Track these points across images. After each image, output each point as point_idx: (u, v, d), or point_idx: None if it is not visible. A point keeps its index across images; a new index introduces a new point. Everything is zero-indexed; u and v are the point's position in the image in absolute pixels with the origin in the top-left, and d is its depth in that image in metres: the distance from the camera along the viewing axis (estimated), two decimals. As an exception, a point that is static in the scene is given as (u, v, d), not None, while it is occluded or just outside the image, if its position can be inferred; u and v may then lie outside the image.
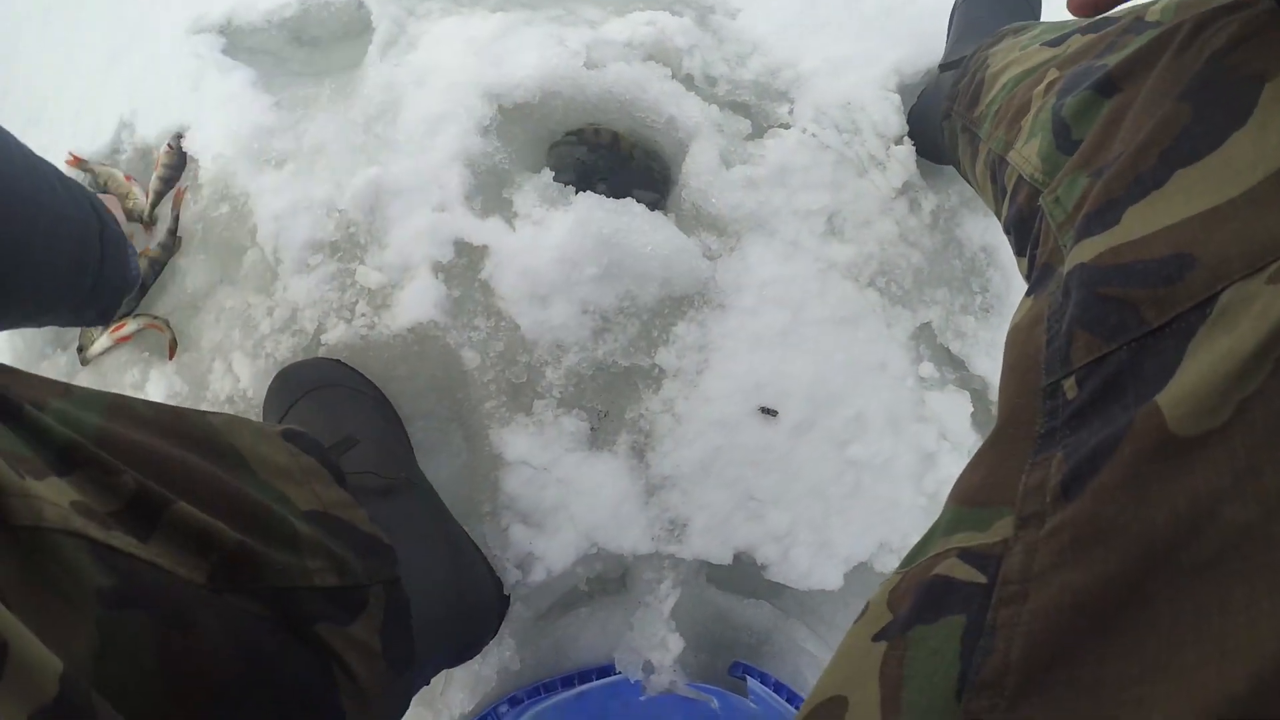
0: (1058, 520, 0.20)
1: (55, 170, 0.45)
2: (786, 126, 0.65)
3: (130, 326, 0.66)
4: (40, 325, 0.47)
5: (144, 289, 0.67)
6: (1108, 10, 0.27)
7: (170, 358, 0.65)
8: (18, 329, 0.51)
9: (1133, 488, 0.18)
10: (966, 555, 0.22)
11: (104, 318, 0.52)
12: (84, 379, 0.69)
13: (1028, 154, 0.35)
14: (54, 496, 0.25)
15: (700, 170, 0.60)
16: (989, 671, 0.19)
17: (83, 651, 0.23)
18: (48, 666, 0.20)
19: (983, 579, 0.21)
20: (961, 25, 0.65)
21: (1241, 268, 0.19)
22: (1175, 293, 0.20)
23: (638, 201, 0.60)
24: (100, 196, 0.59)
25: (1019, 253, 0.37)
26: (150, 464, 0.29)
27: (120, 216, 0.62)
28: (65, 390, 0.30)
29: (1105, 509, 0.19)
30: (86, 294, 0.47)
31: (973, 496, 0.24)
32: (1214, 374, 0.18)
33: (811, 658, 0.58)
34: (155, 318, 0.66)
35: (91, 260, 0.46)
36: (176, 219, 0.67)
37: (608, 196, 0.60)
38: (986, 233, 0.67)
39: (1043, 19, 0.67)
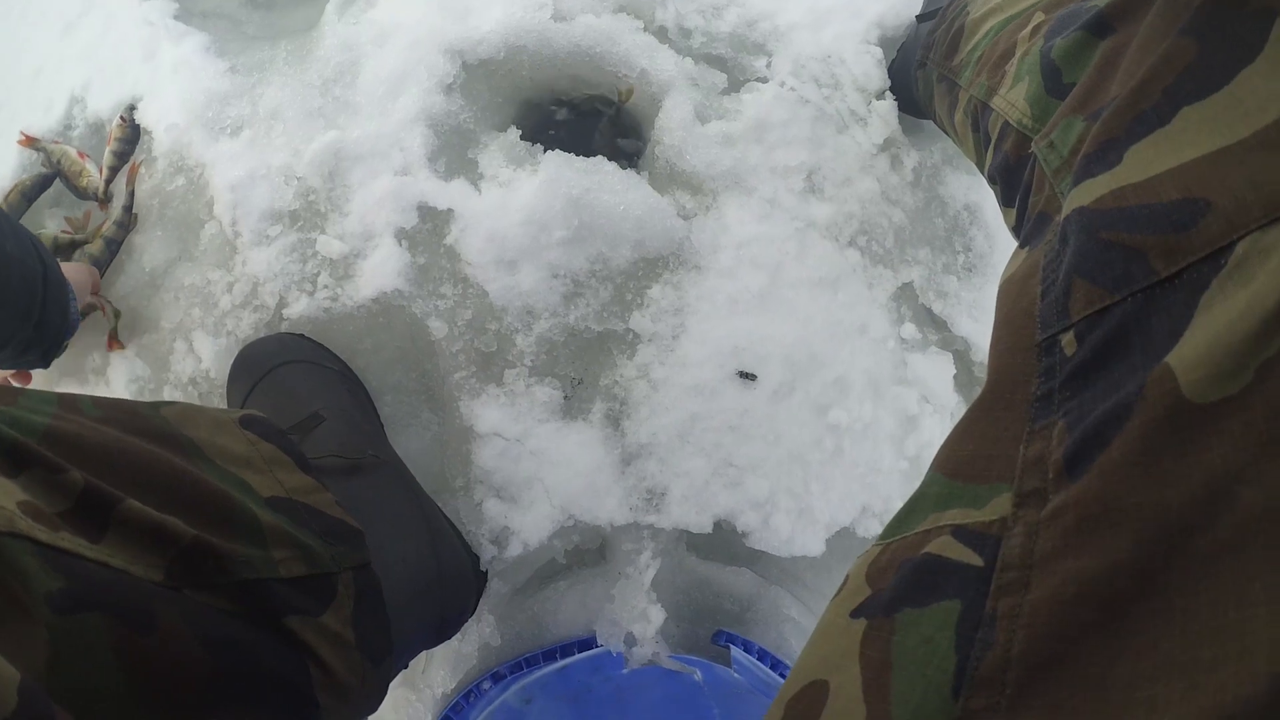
0: (1061, 500, 0.18)
1: (2, 212, 0.47)
2: (764, 81, 0.62)
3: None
4: None
5: (101, 268, 0.64)
6: None
7: (109, 348, 0.62)
8: None
9: (1145, 464, 0.17)
10: (961, 534, 0.20)
11: (45, 360, 0.52)
12: (45, 368, 0.66)
13: (1014, 99, 0.34)
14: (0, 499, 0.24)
15: (674, 126, 0.58)
16: (988, 666, 0.18)
17: (36, 659, 0.22)
18: (4, 677, 0.19)
19: (979, 561, 0.19)
20: None
21: (1259, 215, 0.17)
22: (1187, 240, 0.18)
23: (622, 149, 0.58)
24: (39, 235, 0.60)
25: (1005, 203, 0.35)
26: (101, 461, 0.28)
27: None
28: (13, 397, 0.29)
29: (1114, 488, 0.17)
30: (30, 337, 0.48)
31: (964, 469, 0.22)
32: (1231, 333, 0.16)
33: (795, 624, 0.57)
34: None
35: (35, 304, 0.46)
36: (132, 195, 0.64)
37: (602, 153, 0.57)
38: (970, 190, 0.66)
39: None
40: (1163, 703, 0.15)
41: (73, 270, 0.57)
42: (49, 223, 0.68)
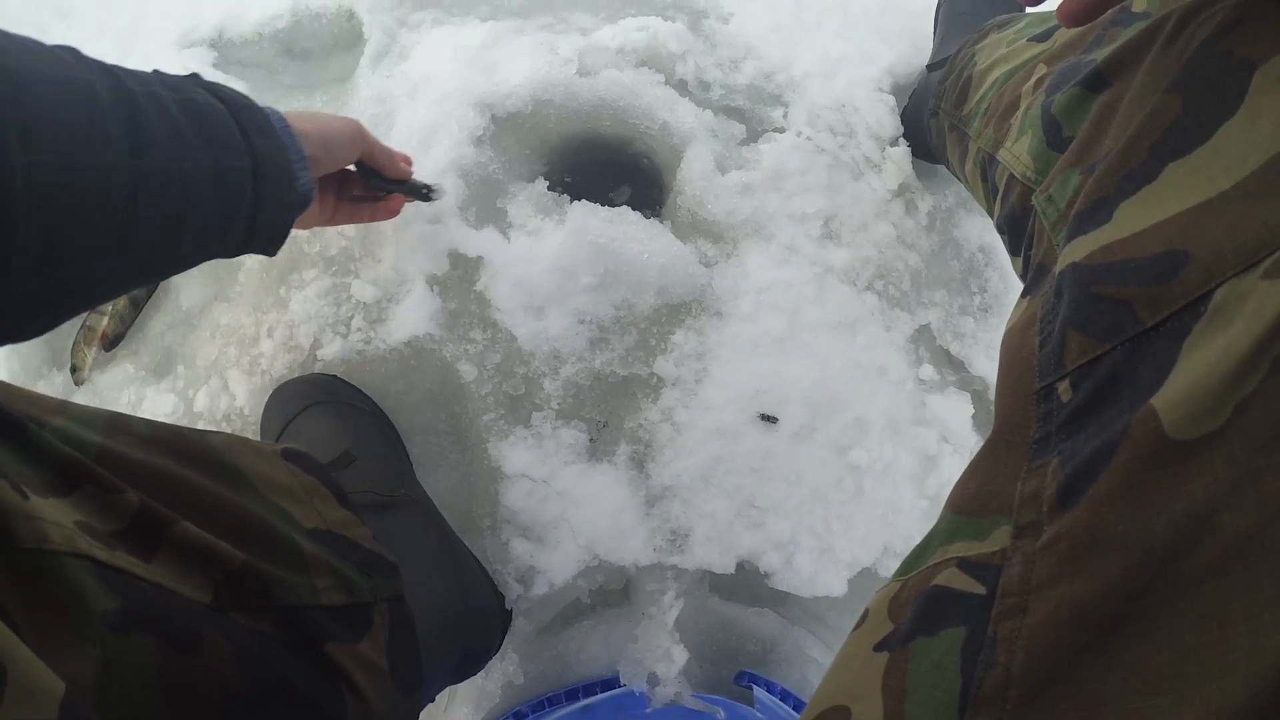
0: (1055, 530, 0.20)
1: (175, 95, 0.33)
2: (781, 130, 0.64)
3: (108, 318, 0.66)
4: (168, 276, 0.37)
5: (137, 307, 0.66)
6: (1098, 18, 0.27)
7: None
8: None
9: (1130, 496, 0.18)
10: (965, 565, 0.22)
11: (269, 250, 0.42)
12: (80, 400, 0.68)
13: (1018, 152, 0.35)
14: (57, 517, 0.25)
15: (695, 176, 0.60)
16: (990, 686, 0.19)
17: (88, 675, 0.23)
18: (49, 691, 0.20)
19: (982, 590, 0.21)
20: (946, 22, 0.65)
21: (1235, 264, 0.19)
22: (1169, 291, 0.20)
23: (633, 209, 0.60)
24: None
25: (1013, 252, 0.36)
26: (152, 482, 0.29)
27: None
28: (62, 408, 0.30)
29: (1103, 518, 0.18)
30: (241, 239, 0.38)
31: (969, 505, 0.23)
32: (1210, 375, 0.18)
33: (818, 665, 0.58)
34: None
35: (241, 209, 0.36)
36: None
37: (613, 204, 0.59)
38: (984, 233, 0.67)
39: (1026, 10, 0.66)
40: (1151, 715, 0.16)
41: (321, 127, 0.43)
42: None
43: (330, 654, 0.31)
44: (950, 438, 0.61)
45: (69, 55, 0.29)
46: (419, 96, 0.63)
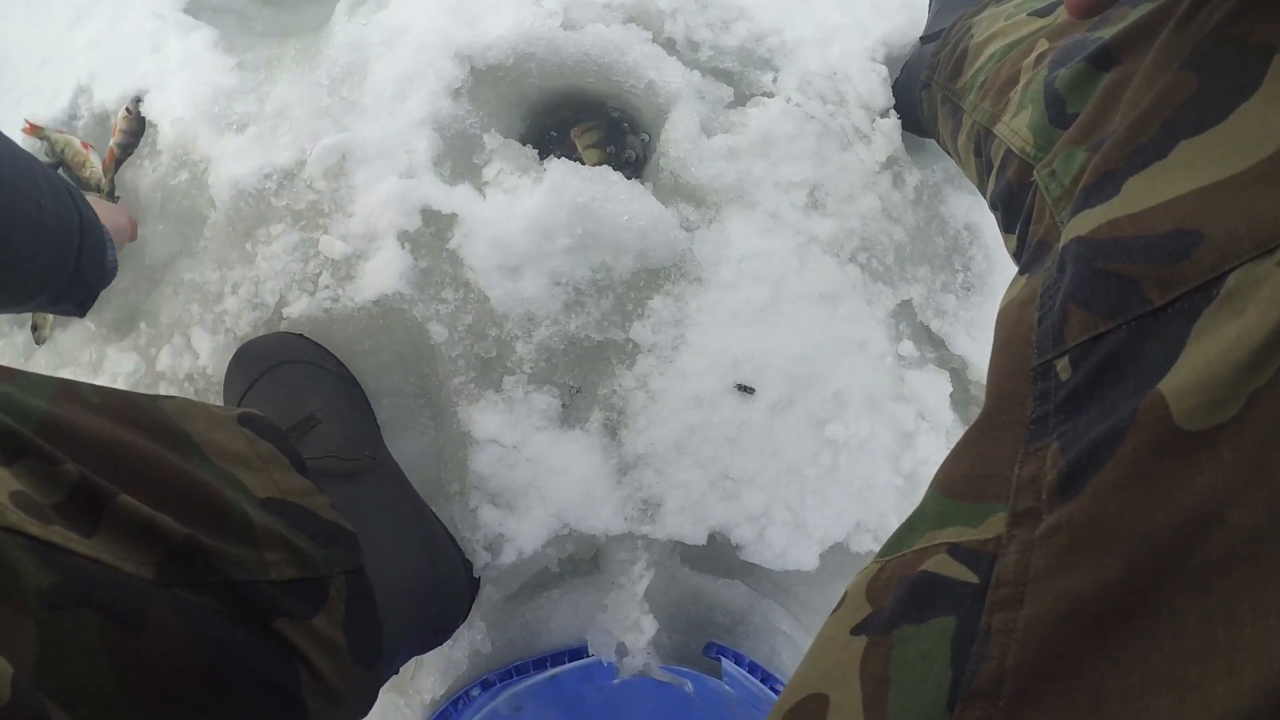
0: (1055, 519, 0.19)
1: (36, 161, 0.45)
2: (770, 95, 0.62)
3: None
4: (16, 312, 0.47)
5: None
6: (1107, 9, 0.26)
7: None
8: None
9: (1136, 487, 0.17)
10: (957, 551, 0.21)
11: (81, 308, 0.51)
12: (41, 358, 0.66)
13: (1017, 126, 0.34)
14: None
15: (680, 138, 0.58)
16: (983, 680, 0.18)
17: (26, 655, 0.22)
18: None
19: (975, 579, 0.20)
20: None
21: (1250, 248, 0.18)
22: (1180, 271, 0.19)
23: (629, 149, 0.58)
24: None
25: (1006, 230, 0.35)
26: (96, 452, 0.28)
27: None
28: (11, 376, 0.29)
29: (1107, 509, 0.18)
30: (65, 285, 0.47)
31: (961, 488, 0.22)
32: (1222, 363, 0.17)
33: (787, 638, 0.57)
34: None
35: (71, 254, 0.46)
36: (111, 181, 0.64)
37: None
38: (970, 210, 0.66)
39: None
40: (1152, 717, 0.16)
41: (110, 214, 0.55)
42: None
43: (280, 630, 0.30)
44: (928, 415, 0.60)
45: None
46: (396, 45, 0.61)
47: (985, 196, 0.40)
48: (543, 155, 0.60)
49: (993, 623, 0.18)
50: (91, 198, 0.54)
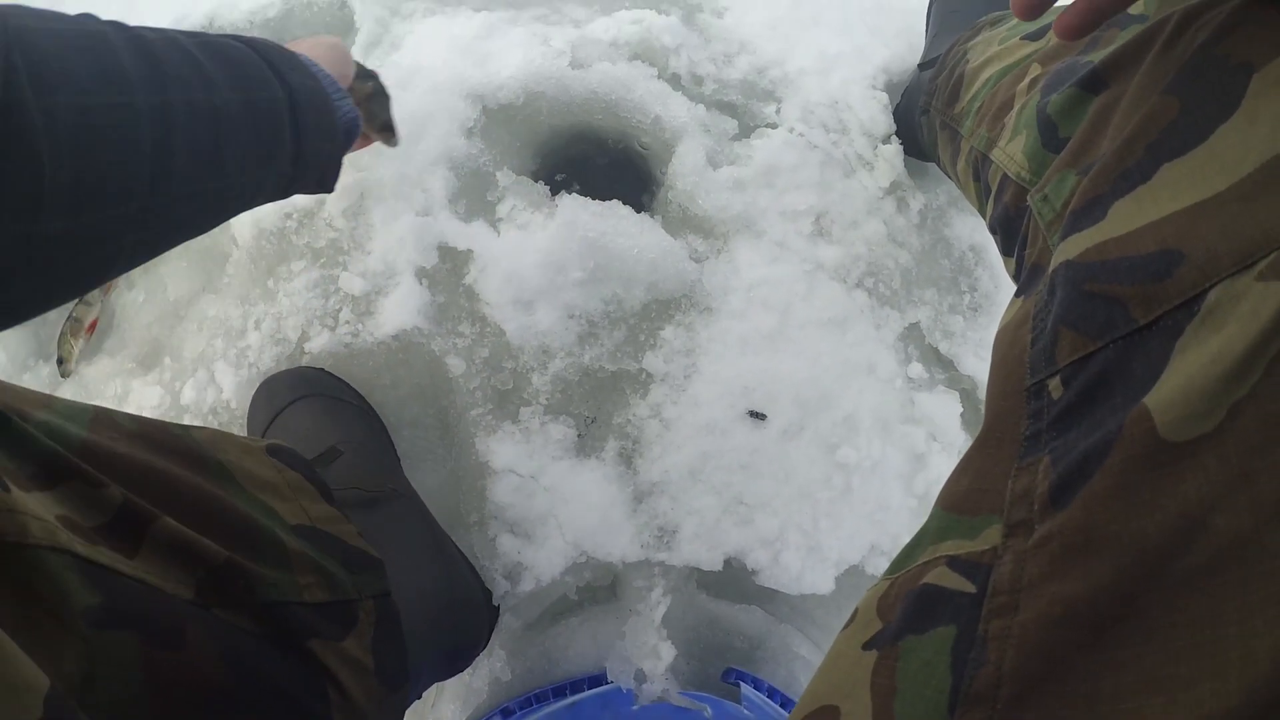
0: (1047, 529, 0.19)
1: (209, 48, 0.32)
2: (774, 126, 0.64)
3: (95, 309, 0.66)
4: (243, 211, 0.36)
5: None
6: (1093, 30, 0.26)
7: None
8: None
9: (1123, 496, 0.18)
10: (955, 563, 0.22)
11: (323, 185, 0.41)
12: (66, 391, 0.68)
13: (1012, 152, 0.35)
14: (39, 511, 0.24)
15: (687, 171, 0.60)
16: (981, 684, 0.19)
17: (71, 672, 0.23)
18: (33, 686, 0.20)
19: (972, 588, 0.21)
20: (939, 20, 0.65)
21: (1230, 264, 0.19)
22: (1163, 289, 0.20)
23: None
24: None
25: (1005, 252, 0.36)
26: (135, 477, 0.29)
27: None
28: (48, 402, 0.30)
29: (1095, 518, 0.18)
30: (289, 174, 0.37)
31: (960, 503, 0.23)
32: (1204, 376, 0.18)
33: (805, 662, 0.58)
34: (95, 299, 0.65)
35: (282, 142, 0.35)
36: None
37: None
38: (975, 232, 0.67)
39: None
40: (1144, 716, 0.16)
41: (323, 51, 0.42)
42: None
43: (313, 650, 0.31)
44: (939, 436, 0.61)
45: (79, 15, 0.29)
46: (410, 87, 0.63)
47: (985, 220, 0.41)
48: (554, 192, 0.61)
49: (990, 629, 0.19)
50: (300, 43, 0.41)
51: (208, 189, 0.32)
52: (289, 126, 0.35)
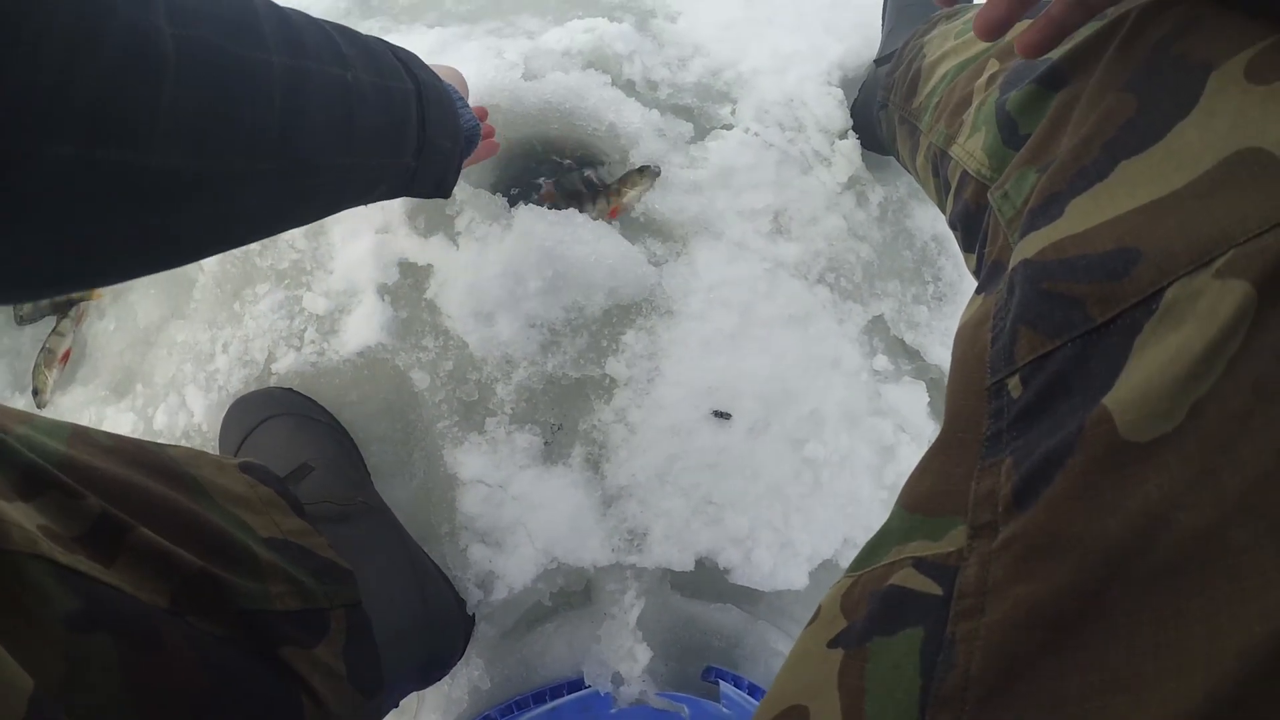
0: (1010, 531, 0.20)
1: (340, 35, 0.32)
2: (729, 127, 0.64)
3: (68, 340, 0.66)
4: (357, 206, 0.36)
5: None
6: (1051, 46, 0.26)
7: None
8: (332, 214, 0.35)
9: (1086, 497, 0.18)
10: (922, 565, 0.22)
11: (441, 188, 0.40)
12: (43, 420, 0.68)
13: (972, 149, 0.35)
14: (20, 520, 0.25)
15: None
16: (949, 686, 0.19)
17: (51, 675, 0.23)
18: (17, 686, 0.20)
19: (939, 590, 0.21)
20: (894, 14, 0.65)
21: (1187, 262, 0.19)
22: (1120, 288, 0.20)
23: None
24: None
25: (966, 249, 0.36)
26: (112, 490, 0.29)
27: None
28: (29, 418, 0.30)
29: (1058, 520, 0.18)
30: (412, 167, 0.36)
31: (924, 503, 0.23)
32: (1163, 375, 0.18)
33: (783, 659, 0.58)
34: (77, 294, 0.65)
35: (408, 127, 0.35)
36: None
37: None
38: (936, 222, 0.67)
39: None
40: (1110, 714, 0.16)
41: (445, 71, 0.43)
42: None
43: (286, 657, 0.32)
44: (907, 427, 0.61)
45: None
46: (366, 106, 0.63)
47: (945, 215, 0.41)
48: (512, 203, 0.62)
49: (957, 632, 0.19)
50: (441, 69, 0.41)
51: (335, 164, 0.31)
52: (416, 117, 0.35)
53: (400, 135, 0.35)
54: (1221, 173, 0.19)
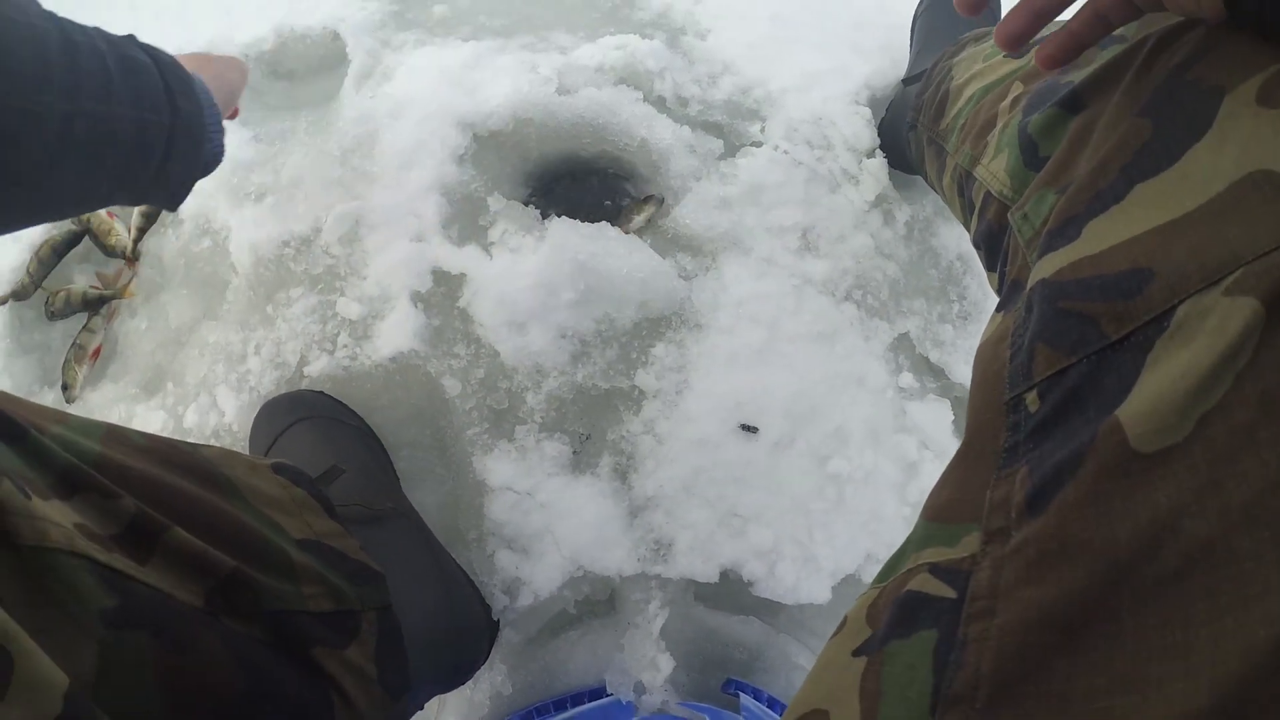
0: (1023, 536, 0.20)
1: (113, 50, 0.36)
2: (758, 145, 0.65)
3: (99, 336, 0.67)
4: (90, 210, 0.40)
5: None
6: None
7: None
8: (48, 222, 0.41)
9: (1096, 504, 0.19)
10: (937, 570, 0.23)
11: (173, 201, 0.44)
12: (72, 417, 0.69)
13: (995, 170, 0.36)
14: (58, 518, 0.25)
15: (674, 192, 0.61)
16: (960, 685, 0.19)
17: (86, 670, 0.24)
18: (53, 683, 0.21)
19: (953, 593, 0.21)
20: (923, 35, 0.66)
21: (1198, 281, 0.19)
22: (1133, 306, 0.20)
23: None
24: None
25: (989, 268, 0.37)
26: (147, 490, 0.30)
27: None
28: (63, 417, 0.31)
29: (1069, 525, 0.19)
30: (145, 189, 0.40)
31: (942, 512, 0.24)
32: (1173, 389, 0.18)
33: (804, 672, 0.58)
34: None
35: (150, 159, 0.39)
36: (136, 249, 0.68)
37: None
38: (962, 241, 0.68)
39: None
40: (1117, 714, 0.17)
41: (220, 71, 0.46)
42: (78, 278, 0.71)
43: (317, 658, 0.32)
44: (930, 444, 0.61)
45: (30, 5, 0.33)
46: (402, 117, 0.64)
47: (969, 235, 0.42)
48: (544, 215, 0.62)
49: (969, 633, 0.20)
50: (190, 56, 0.45)
51: (82, 189, 0.36)
52: (162, 149, 0.39)
53: (142, 167, 0.39)
54: (1233, 195, 0.20)
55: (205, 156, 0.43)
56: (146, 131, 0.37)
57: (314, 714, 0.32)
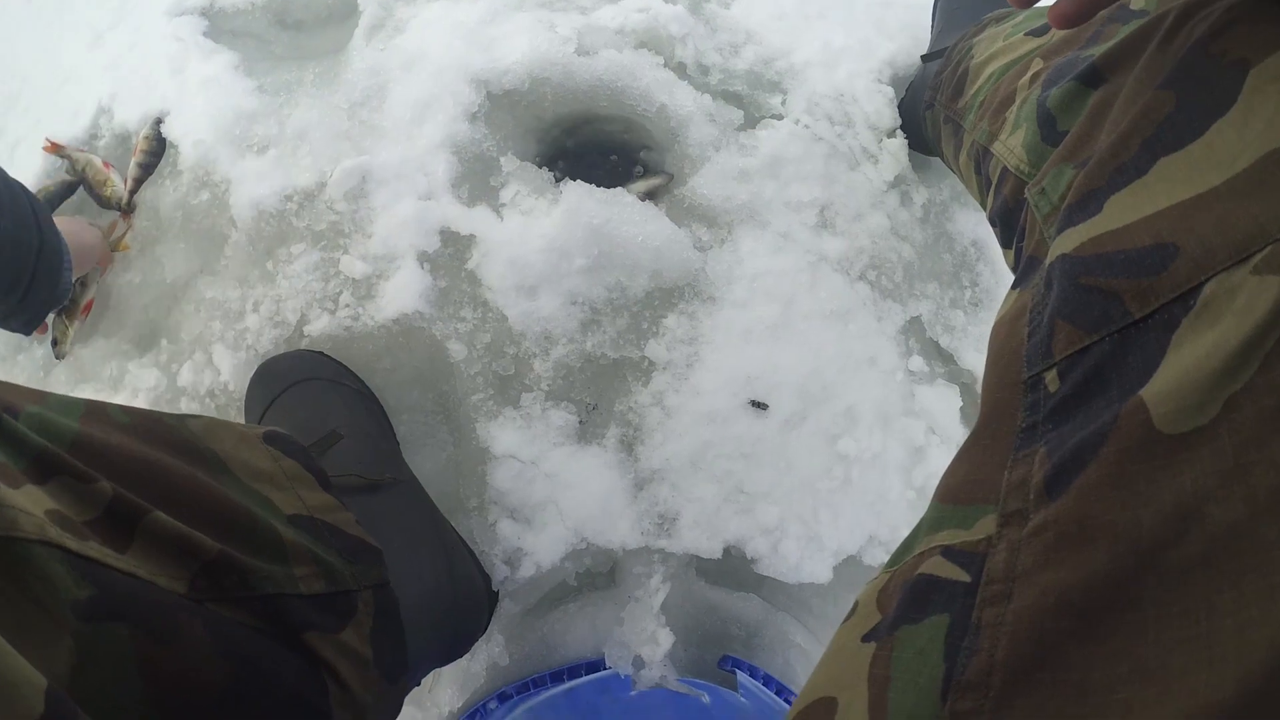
0: (1041, 518, 0.19)
1: (4, 184, 0.44)
2: (779, 117, 0.64)
3: (91, 290, 0.65)
4: None
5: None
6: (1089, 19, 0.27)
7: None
8: None
9: (1118, 486, 0.18)
10: (950, 553, 0.22)
11: (27, 328, 0.51)
12: (60, 373, 0.67)
13: (1012, 145, 0.35)
14: (29, 505, 0.24)
15: (692, 160, 0.60)
16: (974, 671, 0.19)
17: (61, 666, 0.23)
18: (33, 682, 0.20)
19: (966, 577, 0.21)
20: (945, 15, 0.65)
21: (1225, 258, 0.19)
22: (1158, 283, 0.20)
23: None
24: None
25: (1005, 244, 0.36)
26: (127, 471, 0.29)
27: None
28: (41, 397, 0.29)
29: (1090, 508, 0.18)
30: (12, 308, 0.47)
31: (956, 494, 0.23)
32: (1199, 370, 0.18)
33: (801, 651, 0.58)
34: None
35: (24, 278, 0.46)
36: (132, 199, 0.66)
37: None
38: (977, 227, 0.67)
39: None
40: (1137, 705, 0.16)
41: (78, 234, 0.55)
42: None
43: (310, 643, 0.31)
44: (938, 429, 0.61)
45: None
46: (414, 71, 0.62)
47: (986, 212, 0.41)
48: (558, 178, 0.61)
49: (983, 617, 0.19)
50: (64, 220, 0.53)
51: None
52: (30, 269, 0.44)
53: (14, 284, 0.44)
54: (1260, 170, 0.19)
55: (60, 286, 0.48)
56: (21, 249, 0.43)
57: (306, 701, 0.30)
